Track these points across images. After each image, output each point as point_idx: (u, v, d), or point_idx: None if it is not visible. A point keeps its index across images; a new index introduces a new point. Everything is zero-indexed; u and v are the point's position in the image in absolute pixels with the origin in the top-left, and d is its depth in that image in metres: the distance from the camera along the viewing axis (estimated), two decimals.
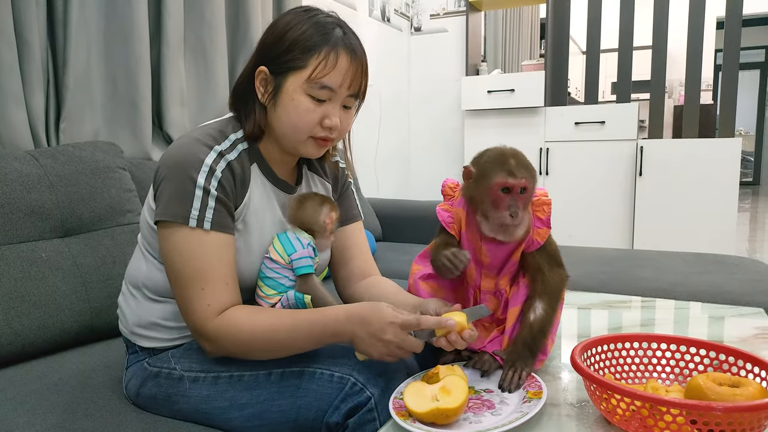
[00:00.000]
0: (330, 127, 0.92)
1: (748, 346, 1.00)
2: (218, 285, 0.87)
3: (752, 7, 6.63)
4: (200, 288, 0.86)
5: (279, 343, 0.86)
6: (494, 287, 0.93)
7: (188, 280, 0.87)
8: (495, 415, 0.74)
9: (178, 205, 0.86)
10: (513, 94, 3.26)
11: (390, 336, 0.79)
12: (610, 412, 0.69)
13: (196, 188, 0.86)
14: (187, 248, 0.87)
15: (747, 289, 1.59)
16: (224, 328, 0.86)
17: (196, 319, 0.87)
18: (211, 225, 0.87)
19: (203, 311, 0.86)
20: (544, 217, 0.90)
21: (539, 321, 0.86)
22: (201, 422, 0.91)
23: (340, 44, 0.89)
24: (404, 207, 2.72)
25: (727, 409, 0.60)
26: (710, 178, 2.94)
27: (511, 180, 0.84)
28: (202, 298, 0.86)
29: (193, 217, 0.86)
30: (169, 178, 0.88)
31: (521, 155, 0.88)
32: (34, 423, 0.89)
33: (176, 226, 0.87)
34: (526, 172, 0.85)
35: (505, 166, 0.85)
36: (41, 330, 1.17)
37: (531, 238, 0.89)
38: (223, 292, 0.88)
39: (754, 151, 10.65)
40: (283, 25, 0.91)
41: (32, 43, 1.40)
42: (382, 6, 3.45)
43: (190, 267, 0.87)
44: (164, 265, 0.91)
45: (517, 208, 0.84)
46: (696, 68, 3.11)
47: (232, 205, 0.91)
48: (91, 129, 1.63)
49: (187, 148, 0.88)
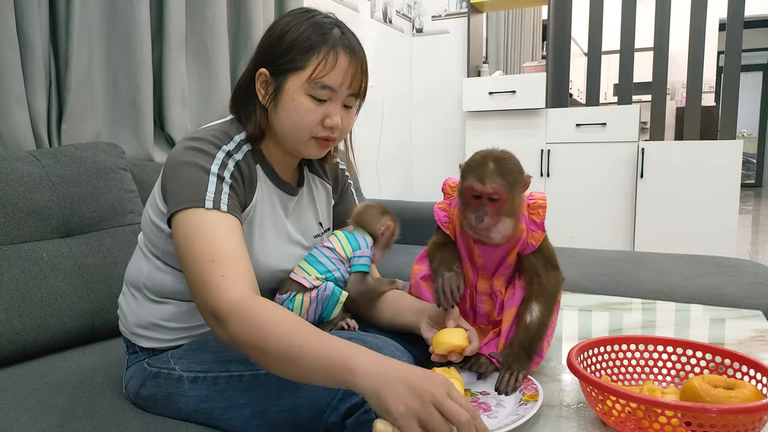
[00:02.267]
0: (331, 126, 0.92)
1: (745, 348, 1.00)
2: (232, 259, 0.81)
3: (756, 9, 6.63)
4: (210, 261, 0.80)
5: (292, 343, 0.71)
6: (489, 288, 0.93)
7: (198, 255, 0.81)
8: (491, 418, 0.75)
9: (192, 191, 0.84)
10: (514, 95, 3.26)
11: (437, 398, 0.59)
12: (606, 414, 0.70)
13: (210, 175, 0.85)
14: (200, 227, 0.82)
15: (746, 291, 1.59)
16: (245, 304, 0.76)
17: (209, 294, 0.79)
18: (228, 208, 0.85)
19: (217, 282, 0.78)
20: (539, 220, 0.90)
21: (535, 323, 0.87)
22: (200, 422, 0.91)
23: (339, 44, 0.89)
24: (405, 208, 2.72)
25: (722, 411, 0.61)
26: (711, 180, 2.93)
27: (478, 186, 0.84)
28: (213, 270, 0.79)
29: (208, 199, 0.83)
30: (179, 173, 0.86)
31: (506, 160, 0.86)
32: (35, 422, 0.90)
33: (190, 211, 0.83)
34: (499, 179, 0.84)
35: (477, 171, 0.85)
36: (42, 330, 1.17)
37: (525, 241, 0.90)
38: (238, 266, 0.81)
39: (757, 153, 10.63)
40: (282, 26, 0.91)
41: (34, 43, 1.41)
42: (384, 7, 3.45)
43: (199, 243, 0.81)
44: (177, 254, 0.85)
45: (483, 214, 0.84)
46: (697, 70, 3.11)
47: (243, 201, 0.91)
48: (93, 130, 1.64)
49: (193, 147, 0.88)
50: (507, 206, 0.85)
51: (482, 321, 0.96)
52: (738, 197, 2.91)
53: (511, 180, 0.85)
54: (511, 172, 0.85)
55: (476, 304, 0.96)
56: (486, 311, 0.95)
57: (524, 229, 0.89)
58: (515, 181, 0.86)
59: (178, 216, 0.85)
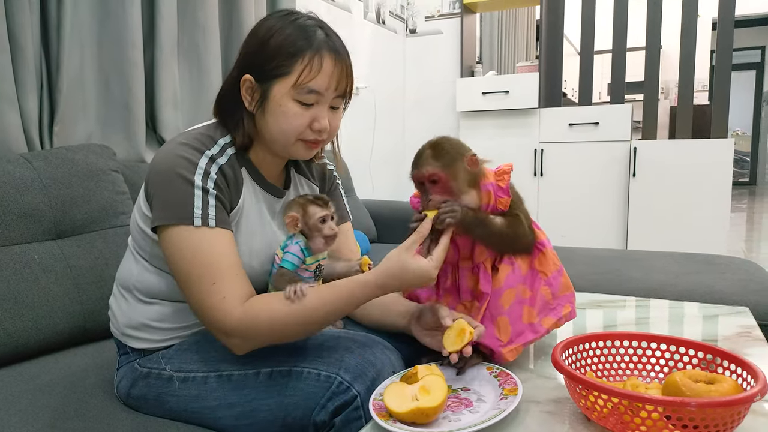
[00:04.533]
0: (320, 129, 0.92)
1: (731, 344, 1.01)
2: (229, 277, 0.85)
3: (748, 8, 6.66)
4: (211, 283, 0.84)
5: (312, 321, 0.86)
6: (471, 262, 0.95)
7: (198, 277, 0.84)
8: (473, 413, 0.76)
9: (179, 207, 0.85)
10: (508, 95, 3.27)
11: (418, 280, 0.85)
12: (589, 409, 0.70)
13: (195, 188, 0.86)
14: (193, 246, 0.84)
15: (736, 288, 1.60)
16: (248, 318, 0.83)
17: (214, 316, 0.84)
18: (216, 222, 0.86)
19: (220, 305, 0.83)
20: (504, 185, 0.92)
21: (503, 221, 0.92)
22: (191, 421, 0.92)
23: (323, 47, 0.89)
24: (398, 208, 2.74)
25: (701, 405, 0.62)
26: (704, 179, 2.95)
27: (415, 173, 0.91)
28: (215, 293, 0.83)
29: (197, 216, 0.85)
30: (163, 183, 0.87)
31: (440, 144, 0.92)
32: (26, 423, 0.91)
33: (179, 227, 0.85)
34: (433, 162, 0.89)
35: (415, 161, 0.91)
36: (34, 331, 1.18)
37: (494, 206, 0.92)
38: (235, 283, 0.85)
39: (751, 152, 10.67)
40: (265, 31, 0.91)
41: (26, 46, 1.41)
42: (377, 8, 3.46)
43: (197, 264, 0.84)
44: (171, 269, 0.88)
45: (428, 196, 0.89)
46: (689, 69, 3.13)
47: (228, 207, 0.91)
48: (85, 132, 1.64)
49: (176, 154, 0.88)
50: (453, 184, 0.89)
51: (466, 297, 0.96)
52: (729, 195, 2.92)
53: (447, 160, 0.89)
54: (446, 153, 0.90)
55: (458, 280, 0.97)
56: (469, 286, 0.95)
57: (491, 195, 0.92)
58: (452, 160, 0.90)
59: (167, 231, 0.86)
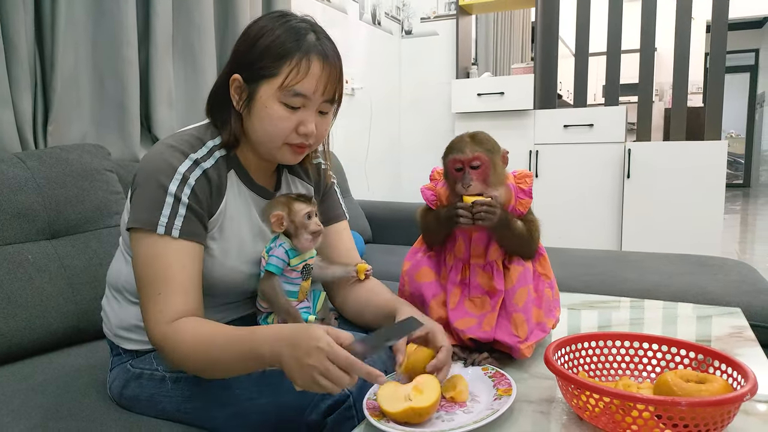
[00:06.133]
0: (306, 134, 0.91)
1: (722, 344, 1.02)
2: (175, 292, 0.85)
3: (742, 11, 6.69)
4: (157, 293, 0.84)
5: (213, 360, 0.80)
6: (484, 260, 0.94)
7: (147, 284, 0.85)
8: (467, 413, 0.76)
9: (148, 212, 0.86)
10: (503, 96, 3.28)
11: (313, 361, 0.68)
12: (582, 409, 0.71)
13: (167, 196, 0.86)
14: (152, 253, 0.85)
15: (729, 289, 1.61)
16: (171, 335, 0.83)
17: (147, 325, 0.85)
18: (180, 233, 0.86)
19: (154, 316, 0.84)
20: (527, 188, 0.94)
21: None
22: (183, 422, 0.92)
23: (312, 50, 0.88)
24: (394, 209, 2.74)
25: (691, 404, 0.62)
26: (697, 181, 2.97)
27: (458, 156, 0.90)
28: (156, 303, 0.84)
29: (161, 224, 0.85)
30: (141, 185, 0.88)
31: (480, 133, 0.93)
32: (18, 423, 0.90)
33: (145, 233, 0.86)
34: (477, 146, 0.90)
35: (456, 146, 0.91)
36: (27, 331, 1.17)
37: (514, 207, 0.93)
38: (179, 300, 0.85)
39: (745, 154, 10.72)
40: (256, 31, 0.90)
41: (19, 45, 1.41)
42: (373, 9, 3.46)
43: (150, 272, 0.85)
44: (133, 269, 0.90)
45: (470, 179, 0.89)
46: (683, 71, 3.15)
47: (206, 214, 0.91)
48: (79, 131, 1.64)
49: (160, 156, 0.88)
50: (491, 173, 0.90)
51: (476, 293, 0.96)
52: (723, 197, 2.94)
53: (488, 146, 0.91)
54: (487, 140, 0.92)
55: (468, 277, 0.97)
56: (479, 283, 0.95)
57: (513, 196, 0.93)
58: (493, 149, 0.91)
59: (134, 233, 0.88)
